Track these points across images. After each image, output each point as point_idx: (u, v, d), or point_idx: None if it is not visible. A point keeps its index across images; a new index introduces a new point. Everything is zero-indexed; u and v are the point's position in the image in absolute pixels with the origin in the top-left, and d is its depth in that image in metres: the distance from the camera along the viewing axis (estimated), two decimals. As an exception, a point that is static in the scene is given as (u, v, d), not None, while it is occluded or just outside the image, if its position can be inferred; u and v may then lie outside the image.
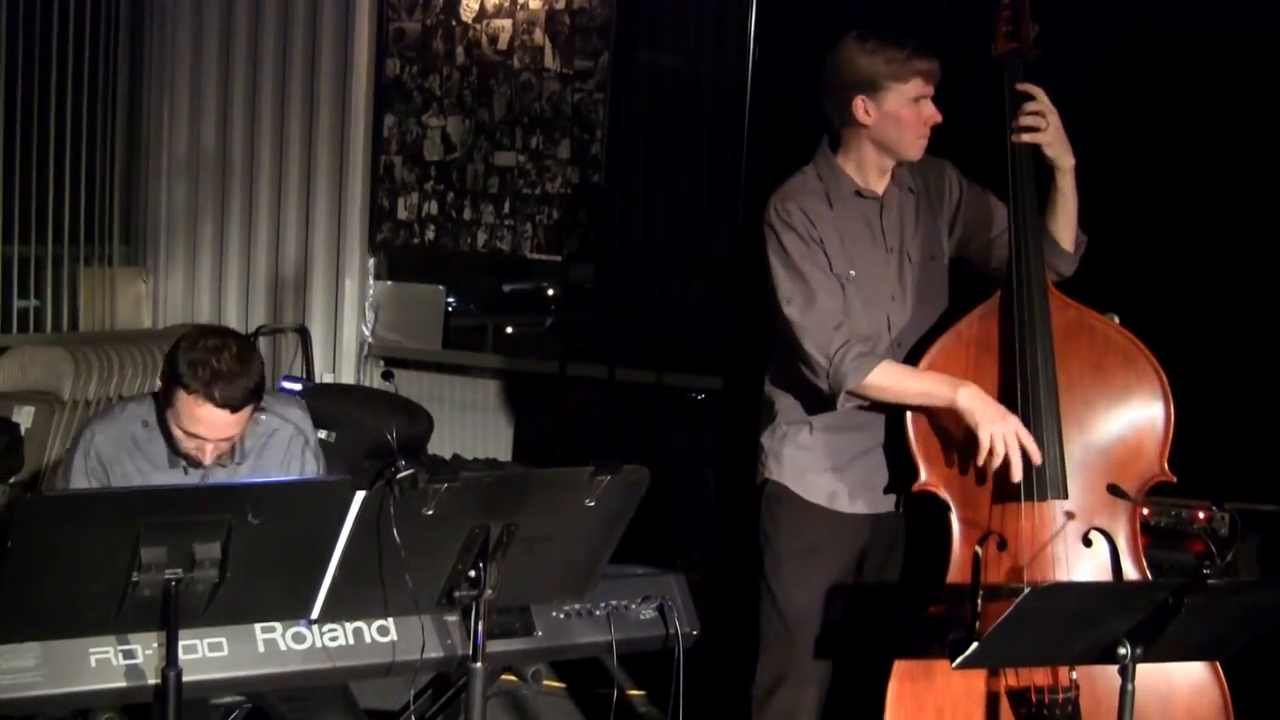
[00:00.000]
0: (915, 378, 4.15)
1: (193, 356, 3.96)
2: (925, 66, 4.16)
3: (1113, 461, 4.07)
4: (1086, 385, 4.09)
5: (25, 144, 8.44)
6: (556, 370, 7.85)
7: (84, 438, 4.24)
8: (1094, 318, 4.13)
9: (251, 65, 8.88)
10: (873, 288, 4.28)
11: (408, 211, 8.54)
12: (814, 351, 4.17)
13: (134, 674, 3.51)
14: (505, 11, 8.12)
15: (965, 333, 4.18)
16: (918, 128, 4.23)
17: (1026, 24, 4.20)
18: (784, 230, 4.24)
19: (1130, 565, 4.02)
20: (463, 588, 3.57)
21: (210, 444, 4.05)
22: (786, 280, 4.23)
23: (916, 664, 4.01)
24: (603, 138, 7.89)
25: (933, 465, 4.14)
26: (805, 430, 4.37)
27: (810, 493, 4.36)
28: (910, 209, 4.37)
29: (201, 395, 3.94)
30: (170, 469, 4.20)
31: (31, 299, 8.72)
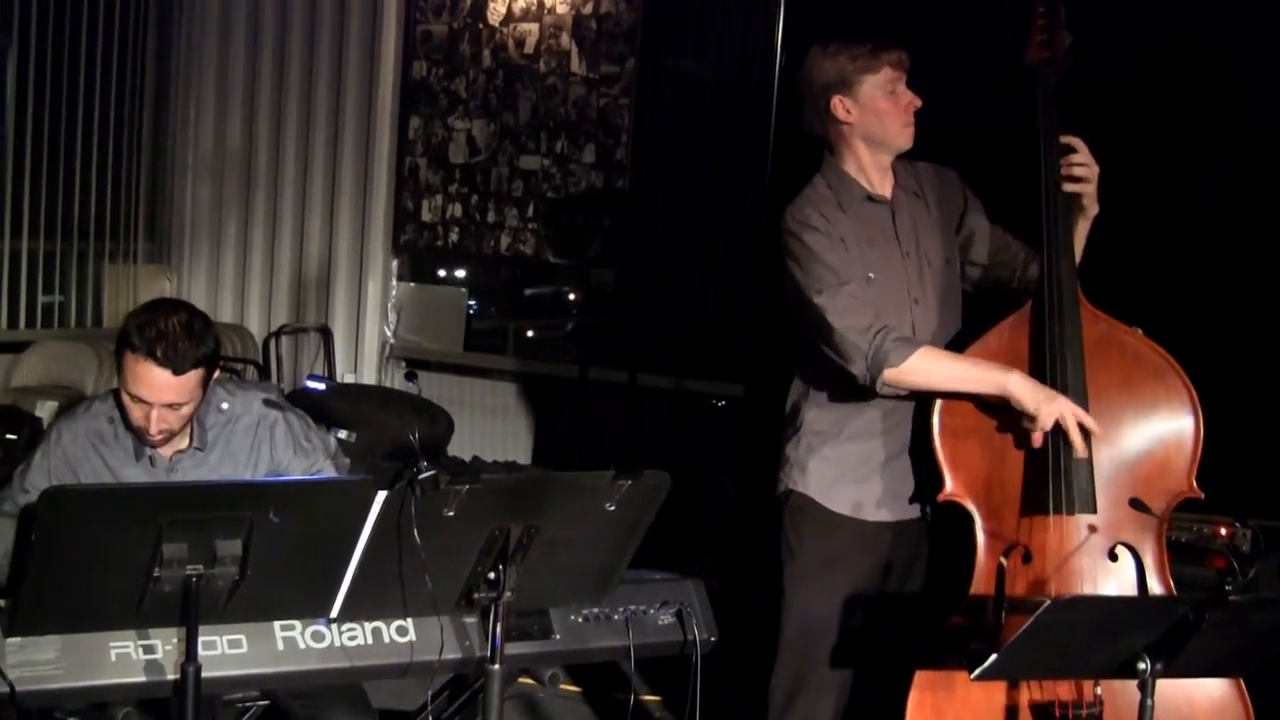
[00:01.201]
0: (960, 363, 4.11)
1: (142, 319, 4.01)
2: (892, 55, 4.21)
3: (1141, 476, 4.04)
4: (1116, 399, 4.06)
5: (52, 141, 8.47)
6: (577, 374, 7.85)
7: (50, 438, 4.24)
8: (1125, 332, 4.12)
9: (278, 64, 8.90)
10: (893, 291, 4.26)
11: (431, 213, 8.55)
12: (850, 334, 4.10)
13: (153, 669, 3.52)
14: (532, 15, 8.13)
15: (994, 344, 4.16)
16: (899, 115, 4.25)
17: (1060, 33, 4.19)
18: (805, 231, 4.22)
19: (1156, 581, 4.00)
20: (482, 589, 3.57)
21: (154, 410, 4.02)
22: (813, 272, 4.19)
23: (937, 674, 4.00)
24: (627, 143, 7.89)
25: (958, 474, 4.10)
26: (831, 441, 4.34)
27: (836, 503, 4.33)
28: (921, 213, 4.37)
29: (144, 353, 3.94)
30: (137, 462, 4.20)
31: (56, 294, 8.75)
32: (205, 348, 4.04)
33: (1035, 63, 4.22)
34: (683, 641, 4.12)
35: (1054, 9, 4.22)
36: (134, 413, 4.06)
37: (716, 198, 7.58)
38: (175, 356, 3.95)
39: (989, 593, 4.01)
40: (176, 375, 3.97)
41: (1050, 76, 4.19)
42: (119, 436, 4.20)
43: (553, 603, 3.95)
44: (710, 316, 7.66)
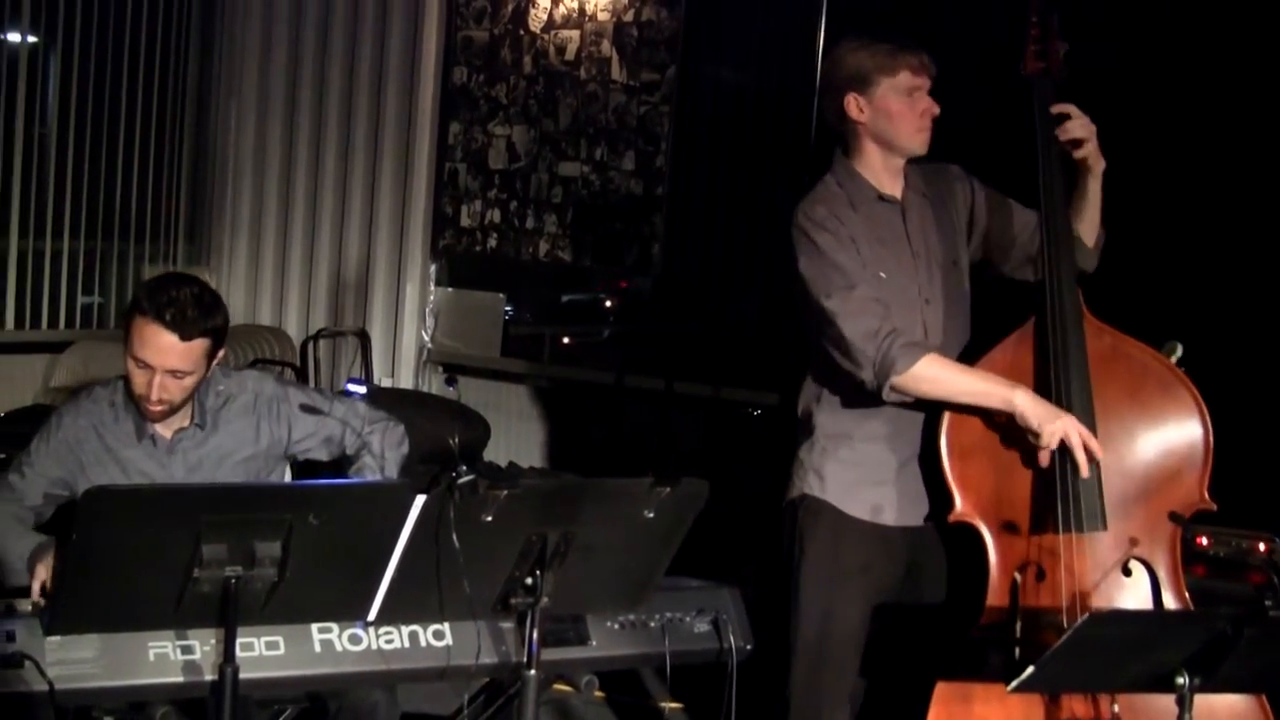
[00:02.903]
0: (966, 374, 4.09)
1: (154, 284, 4.11)
2: (913, 59, 4.18)
3: (1152, 490, 4.03)
4: (1123, 413, 4.05)
5: (94, 142, 8.51)
6: (613, 381, 7.85)
7: (51, 423, 4.31)
8: (1130, 344, 4.10)
9: (319, 68, 8.92)
10: (904, 292, 4.24)
11: (470, 219, 8.56)
12: (858, 339, 4.08)
13: (191, 669, 3.54)
14: (573, 22, 8.14)
15: (999, 360, 4.14)
16: (912, 120, 4.23)
17: (1055, 43, 4.20)
18: (814, 229, 4.19)
19: (1171, 595, 3.99)
20: (519, 595, 3.57)
21: (156, 375, 4.07)
22: (822, 275, 4.16)
23: (958, 686, 3.98)
24: (667, 150, 7.89)
25: (968, 494, 4.08)
26: (847, 444, 4.31)
27: (854, 508, 4.30)
28: (929, 213, 4.36)
29: (152, 315, 4.00)
30: (138, 443, 4.25)
31: (95, 295, 8.79)
32: (214, 321, 4.11)
33: (1031, 74, 4.21)
34: (719, 649, 4.13)
35: (1047, 19, 4.21)
36: (136, 379, 4.11)
37: (756, 206, 7.57)
38: (183, 322, 4.02)
39: (1004, 608, 4.02)
40: (183, 341, 4.04)
41: (1047, 87, 4.19)
42: (120, 419, 4.26)
43: (589, 609, 3.96)
44: (747, 325, 7.65)
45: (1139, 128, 4.20)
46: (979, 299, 4.41)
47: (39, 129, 8.31)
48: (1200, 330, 4.31)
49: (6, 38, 8.11)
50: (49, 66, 8.34)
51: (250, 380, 4.43)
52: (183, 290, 4.07)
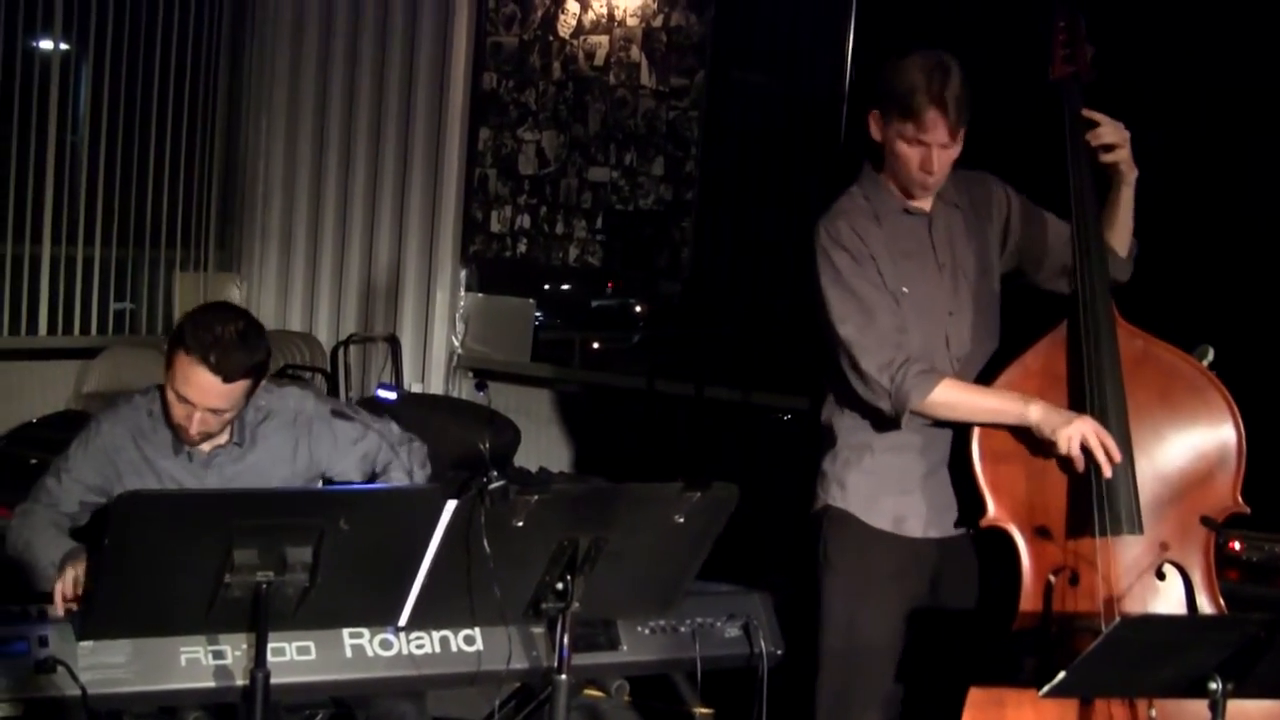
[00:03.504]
0: (981, 394, 4.12)
1: (199, 320, 4.05)
2: (931, 113, 4.03)
3: (1185, 493, 4.02)
4: (1155, 416, 4.04)
5: (125, 150, 8.55)
6: (644, 386, 7.85)
7: (89, 429, 4.30)
8: (1162, 348, 4.09)
9: (349, 74, 8.94)
10: (928, 305, 4.23)
11: (500, 224, 8.57)
12: (873, 371, 4.11)
13: (222, 674, 3.55)
14: (602, 28, 8.15)
15: (1031, 365, 4.14)
16: (911, 169, 4.16)
17: (1083, 47, 4.17)
18: (834, 249, 4.19)
19: (1205, 599, 3.98)
20: (549, 600, 3.58)
21: (197, 412, 4.06)
22: (839, 300, 4.18)
23: (992, 692, 3.97)
24: (696, 155, 7.88)
25: (1000, 499, 4.08)
26: (868, 454, 4.30)
27: (877, 518, 4.29)
28: (959, 224, 4.32)
29: (197, 357, 3.97)
30: (175, 455, 4.24)
31: (127, 301, 8.83)
32: (256, 358, 4.09)
33: (1060, 79, 4.19)
34: (749, 654, 4.13)
35: (1075, 23, 4.19)
36: (176, 411, 4.10)
37: (785, 210, 7.56)
38: (227, 364, 3.99)
39: (1037, 613, 4.01)
40: (226, 383, 4.02)
41: (1076, 92, 4.17)
42: (158, 429, 4.25)
43: (619, 614, 3.96)
44: (777, 329, 7.64)
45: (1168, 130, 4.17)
46: (1013, 300, 4.40)
47: (71, 137, 8.36)
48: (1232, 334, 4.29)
49: (38, 46, 8.15)
50: (81, 74, 8.39)
51: (291, 398, 4.41)
52: (228, 328, 4.03)
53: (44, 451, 6.97)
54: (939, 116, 4.03)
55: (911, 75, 4.05)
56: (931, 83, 4.02)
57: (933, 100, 4.02)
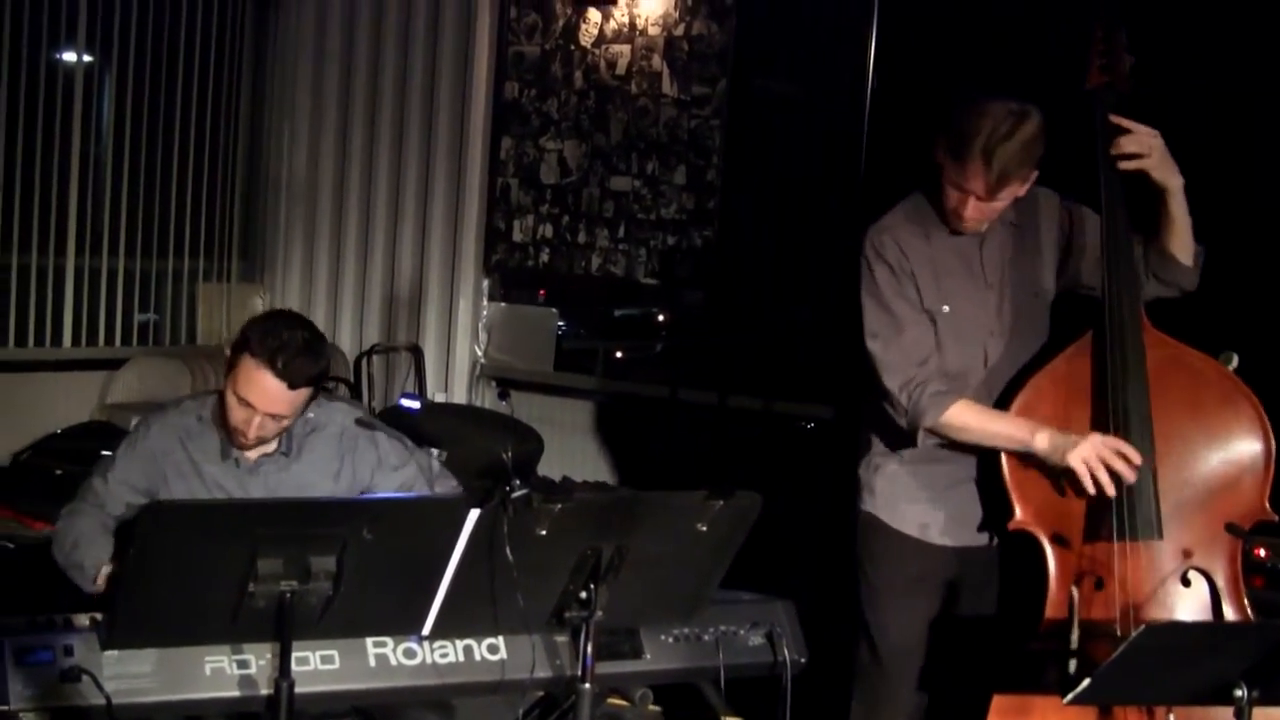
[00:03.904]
0: (992, 420, 4.16)
1: (267, 326, 4.11)
2: (970, 162, 4.04)
3: (1212, 500, 4.03)
4: (1183, 423, 4.04)
5: (149, 161, 8.57)
6: (667, 395, 7.84)
7: (138, 431, 4.34)
8: (1191, 355, 4.09)
9: (371, 84, 8.95)
10: (968, 323, 4.27)
11: (523, 234, 8.56)
12: (893, 387, 4.20)
13: (247, 683, 3.56)
14: (624, 37, 8.14)
15: (1057, 372, 4.16)
16: (947, 206, 4.20)
17: (1121, 57, 4.17)
18: (876, 263, 4.26)
19: (1231, 606, 3.98)
20: (573, 608, 3.59)
21: (257, 416, 4.11)
22: (874, 314, 4.26)
23: (1015, 699, 3.98)
24: (718, 164, 7.87)
25: (1027, 503, 4.11)
26: (895, 461, 4.39)
27: (902, 524, 4.37)
28: (1011, 244, 4.34)
29: (264, 361, 4.03)
30: (222, 461, 4.28)
31: (151, 312, 8.84)
32: (320, 367, 4.16)
33: (1095, 87, 4.19)
34: (773, 663, 4.13)
35: (1114, 34, 4.19)
36: (236, 414, 4.13)
37: (808, 219, 7.55)
38: (292, 370, 4.06)
39: (1062, 619, 4.01)
40: (290, 389, 4.08)
41: (1110, 102, 4.16)
42: (206, 435, 4.29)
43: (643, 622, 3.97)
44: (801, 339, 7.63)
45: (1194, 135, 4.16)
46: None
47: (94, 148, 8.38)
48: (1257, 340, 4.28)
49: (62, 57, 8.17)
50: (104, 86, 8.41)
51: (339, 413, 4.44)
52: (295, 334, 4.10)
53: (68, 462, 7.01)
54: (980, 170, 4.04)
55: (977, 121, 4.05)
56: (989, 136, 4.02)
57: (980, 153, 4.02)
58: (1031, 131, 4.04)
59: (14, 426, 7.61)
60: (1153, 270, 4.27)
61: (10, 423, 7.64)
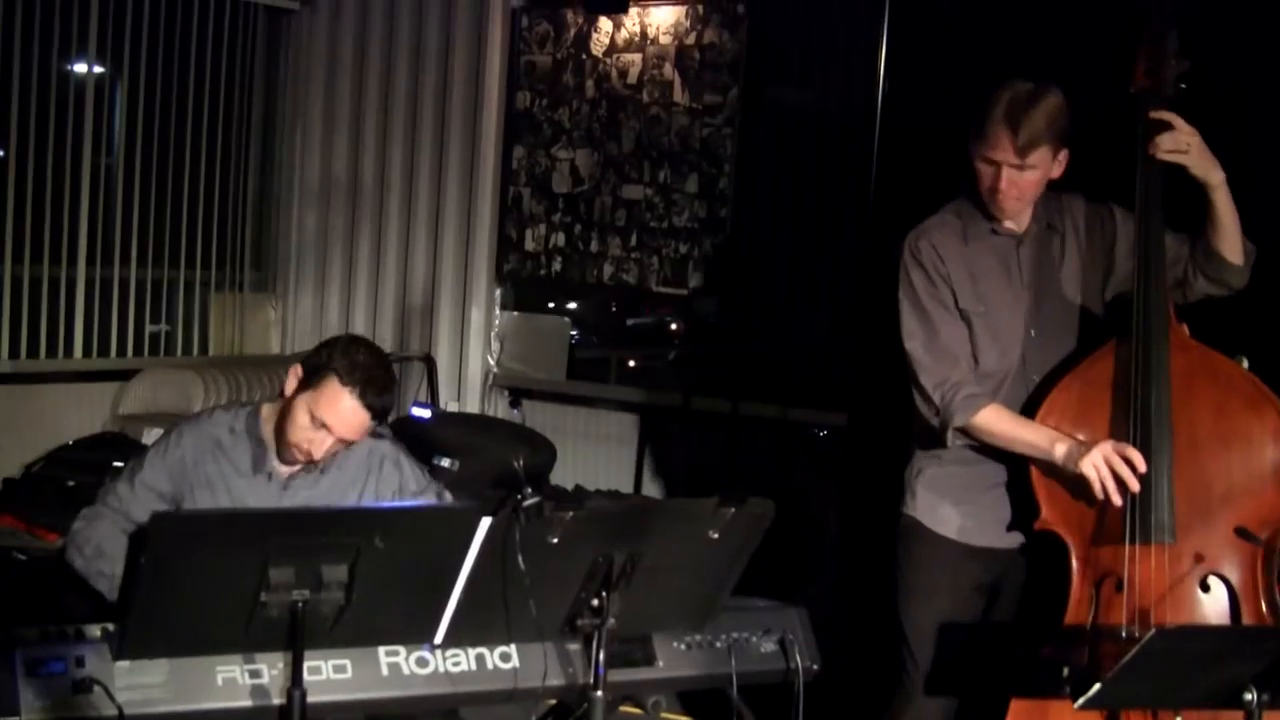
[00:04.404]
0: (1018, 427, 4.20)
1: (353, 355, 4.17)
2: (995, 131, 4.13)
3: (1234, 505, 4.02)
4: (1206, 428, 4.05)
5: (160, 171, 8.57)
6: (680, 403, 7.84)
7: (171, 437, 4.34)
8: (1218, 360, 4.10)
9: (383, 94, 8.96)
10: (1005, 324, 4.31)
11: (535, 243, 8.57)
12: (929, 387, 4.27)
13: (259, 693, 3.56)
14: (635, 46, 8.15)
15: (1084, 373, 4.20)
16: (982, 187, 4.26)
17: (1166, 63, 4.16)
18: (913, 267, 4.33)
19: (1250, 612, 3.97)
20: (585, 616, 3.58)
21: (331, 440, 4.15)
22: (911, 315, 4.32)
23: (1033, 704, 3.99)
24: (731, 172, 7.88)
25: (1053, 504, 4.15)
26: (935, 463, 4.42)
27: (942, 526, 4.41)
28: (1054, 248, 4.37)
29: (355, 390, 4.11)
30: (254, 474, 4.29)
31: (163, 323, 8.84)
32: (393, 398, 4.29)
33: (1140, 90, 4.19)
34: (785, 670, 4.13)
35: (1162, 38, 4.19)
36: (304, 433, 4.17)
37: (820, 227, 7.55)
38: (377, 401, 4.15)
39: (1083, 622, 4.05)
40: (371, 419, 4.17)
41: (1155, 105, 4.16)
42: (238, 447, 4.30)
43: (656, 629, 3.96)
44: (813, 346, 7.63)
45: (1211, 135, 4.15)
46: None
47: (106, 159, 8.39)
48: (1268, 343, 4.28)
49: (73, 68, 8.19)
50: (115, 97, 8.42)
51: (369, 435, 4.46)
52: (380, 369, 4.20)
53: (81, 474, 7.03)
54: (1005, 134, 4.11)
55: (998, 93, 4.16)
56: (1009, 101, 4.12)
57: (1003, 119, 4.11)
58: (1055, 103, 4.14)
59: (26, 438, 7.62)
60: (1200, 268, 4.27)
61: (22, 435, 7.65)
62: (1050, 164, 4.20)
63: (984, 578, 4.40)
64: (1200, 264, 4.26)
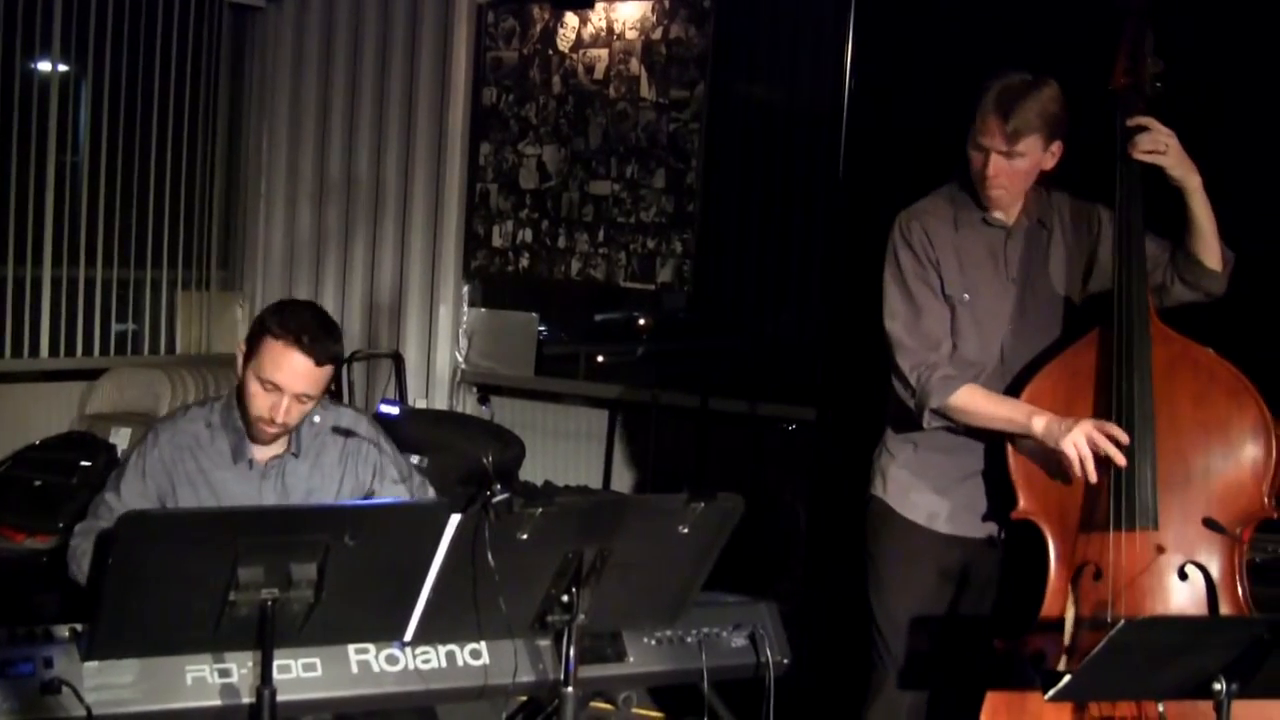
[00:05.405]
0: (995, 404, 4.21)
1: (283, 310, 4.18)
2: (985, 117, 4.17)
3: (1213, 495, 4.02)
4: (1188, 417, 4.05)
5: (126, 170, 8.54)
6: (649, 399, 7.84)
7: (147, 441, 4.33)
8: (1199, 351, 4.11)
9: (350, 92, 8.95)
10: (988, 314, 4.33)
11: (503, 239, 8.57)
12: (906, 368, 4.28)
13: (229, 692, 3.54)
14: (602, 41, 8.15)
15: (1065, 364, 4.21)
16: (973, 173, 4.29)
17: (1144, 61, 4.18)
18: (902, 247, 4.34)
19: (1227, 601, 3.98)
20: (555, 612, 3.58)
21: (285, 399, 4.12)
22: (896, 295, 4.34)
23: (1009, 695, 4.00)
24: (698, 167, 7.88)
25: (1031, 492, 4.15)
26: (910, 449, 4.44)
27: (911, 511, 4.42)
28: (1042, 242, 4.39)
29: (290, 340, 4.08)
30: (234, 464, 4.28)
31: (129, 322, 8.81)
32: (338, 346, 4.23)
33: (1119, 88, 4.21)
34: (756, 664, 4.13)
35: (1140, 36, 4.20)
36: (260, 401, 4.16)
37: (788, 222, 7.57)
38: (318, 347, 4.10)
39: (1060, 611, 4.05)
40: (317, 366, 4.12)
41: (1133, 103, 4.17)
42: (216, 440, 4.29)
43: (626, 625, 3.96)
44: (782, 340, 7.64)
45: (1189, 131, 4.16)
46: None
47: (71, 158, 8.36)
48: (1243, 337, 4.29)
49: (37, 67, 8.15)
50: (80, 95, 8.38)
51: (345, 418, 4.45)
52: (310, 314, 4.19)
53: (48, 474, 6.99)
54: (995, 120, 4.15)
55: (993, 81, 4.20)
56: (1001, 89, 4.17)
57: (993, 103, 4.15)
58: (1048, 94, 4.16)
59: (-7, 438, 7.60)
60: (1179, 273, 4.28)
61: (-11, 434, 7.63)
62: (1041, 154, 4.21)
63: (954, 565, 4.40)
64: (1179, 269, 4.27)
